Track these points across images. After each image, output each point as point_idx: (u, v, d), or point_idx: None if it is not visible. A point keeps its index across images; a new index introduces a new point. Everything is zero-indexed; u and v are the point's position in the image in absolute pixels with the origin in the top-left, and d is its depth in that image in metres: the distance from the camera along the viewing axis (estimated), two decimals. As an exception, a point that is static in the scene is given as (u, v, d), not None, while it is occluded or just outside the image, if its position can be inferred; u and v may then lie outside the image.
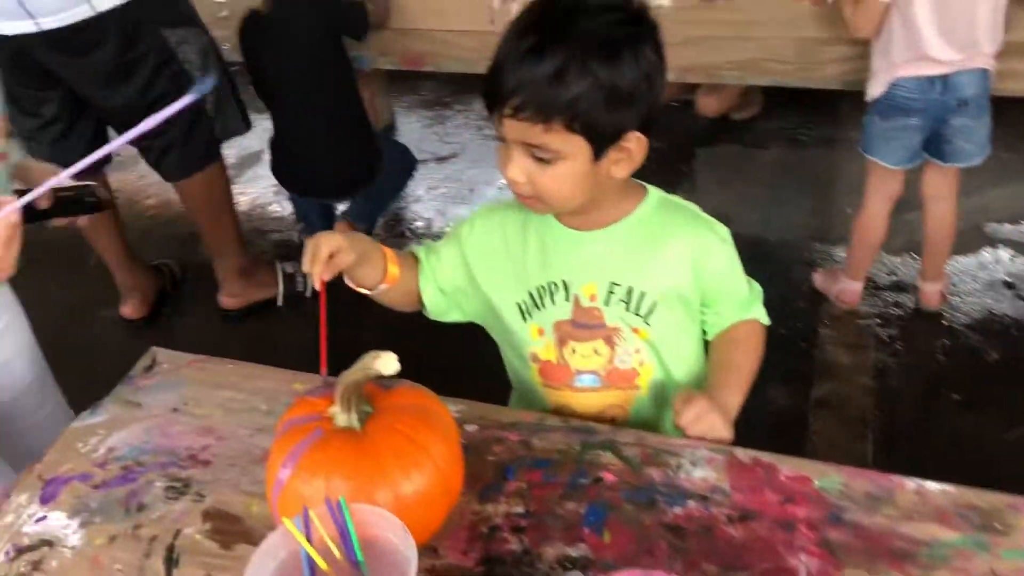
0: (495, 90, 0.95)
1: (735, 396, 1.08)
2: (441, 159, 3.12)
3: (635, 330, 1.09)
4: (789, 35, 2.17)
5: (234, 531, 0.92)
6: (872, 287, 2.35)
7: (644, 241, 1.08)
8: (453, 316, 1.18)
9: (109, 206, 1.10)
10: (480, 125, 3.37)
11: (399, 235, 2.80)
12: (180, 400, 1.10)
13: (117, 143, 0.89)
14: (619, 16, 0.96)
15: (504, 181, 1.01)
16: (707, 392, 1.08)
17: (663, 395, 1.13)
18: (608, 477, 0.94)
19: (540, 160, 0.96)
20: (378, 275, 1.09)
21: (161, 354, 1.19)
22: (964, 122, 1.96)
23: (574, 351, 1.11)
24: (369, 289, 1.09)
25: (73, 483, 1.00)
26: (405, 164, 2.67)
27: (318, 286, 0.97)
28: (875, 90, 1.99)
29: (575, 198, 1.01)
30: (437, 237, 2.81)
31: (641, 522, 0.88)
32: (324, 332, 0.94)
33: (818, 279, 2.36)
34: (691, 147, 3.05)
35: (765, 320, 1.15)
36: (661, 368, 1.12)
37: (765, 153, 3.02)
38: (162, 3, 2.01)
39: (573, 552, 0.86)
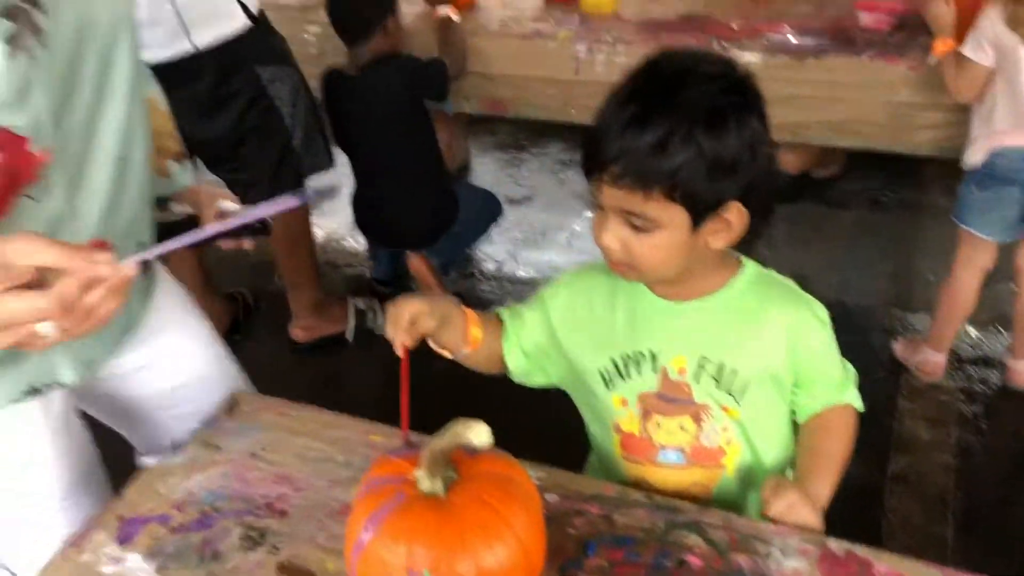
0: (595, 156, 0.94)
1: (826, 487, 1.03)
2: (514, 202, 3.12)
3: (724, 408, 1.06)
4: (881, 98, 2.12)
5: (309, 588, 0.91)
6: (956, 360, 2.27)
7: (739, 316, 1.05)
8: (537, 380, 1.16)
9: (271, 232, 1.17)
10: (554, 170, 3.37)
11: (469, 275, 2.80)
12: (258, 445, 1.10)
13: (255, 214, 0.90)
14: (725, 84, 0.94)
15: (578, 228, 1.00)
16: (797, 480, 1.04)
17: (749, 477, 1.09)
18: (693, 561, 0.91)
19: (637, 228, 0.94)
20: (460, 338, 1.08)
21: (242, 396, 1.19)
22: (1068, 194, 1.90)
23: (659, 425, 1.08)
24: (452, 352, 1.08)
25: (151, 524, 1.00)
26: (489, 210, 2.68)
27: (399, 352, 0.97)
28: (974, 158, 1.93)
29: (670, 268, 0.99)
30: (507, 280, 2.84)
31: (728, 613, 0.85)
32: (406, 396, 0.93)
33: (899, 348, 2.29)
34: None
35: (859, 405, 1.11)
36: (749, 449, 1.08)
37: (846, 213, 2.96)
38: (258, 41, 2.06)
39: (656, 640, 0.83)
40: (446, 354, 1.09)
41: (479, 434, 0.79)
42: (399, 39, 2.32)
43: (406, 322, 0.97)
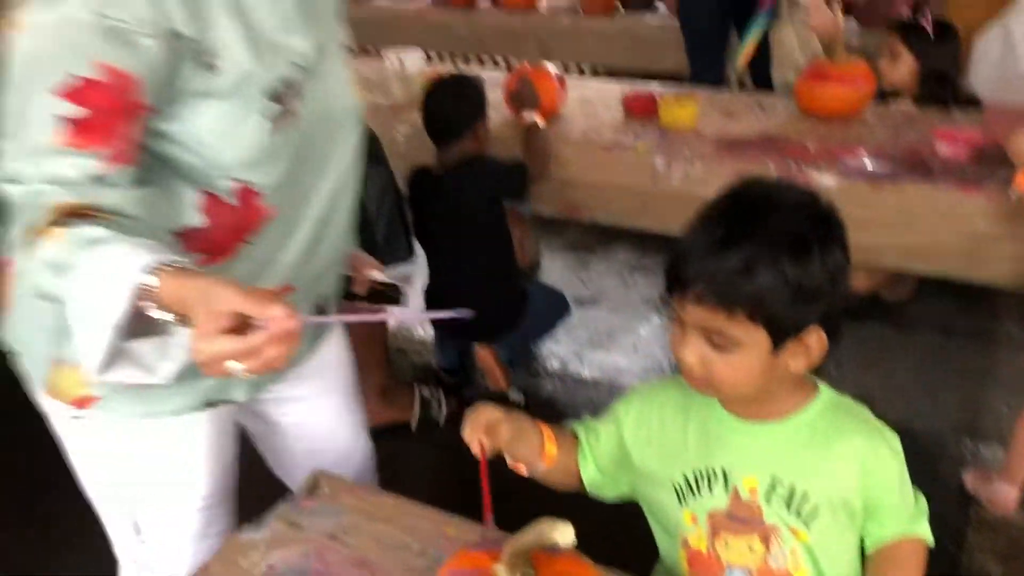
0: (681, 274, 0.99)
1: None
2: (582, 303, 3.17)
3: (794, 531, 1.06)
4: (957, 227, 2.13)
5: (381, 675, 0.93)
6: (1029, 497, 2.21)
7: (813, 441, 1.07)
8: (610, 493, 1.19)
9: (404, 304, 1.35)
10: (621, 274, 3.42)
11: (535, 374, 2.83)
12: (338, 527, 1.14)
13: (423, 316, 1.05)
14: (810, 214, 0.99)
15: (643, 333, 1.04)
16: None
17: (816, 603, 1.09)
18: None
19: (717, 346, 0.98)
20: (536, 453, 1.12)
21: (323, 478, 1.23)
22: None
23: (727, 544, 1.09)
24: (528, 467, 1.12)
25: (232, 597, 1.03)
26: (557, 309, 2.74)
27: (477, 452, 1.01)
28: (1051, 293, 1.93)
29: (748, 387, 1.02)
30: (572, 379, 2.87)
31: None
32: (488, 495, 0.97)
33: (969, 479, 2.24)
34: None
35: (929, 539, 1.11)
36: (816, 574, 1.09)
37: (916, 338, 2.93)
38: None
39: None
40: (522, 470, 1.12)
41: (564, 534, 0.82)
42: (486, 142, 2.43)
43: (483, 428, 1.02)
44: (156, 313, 0.87)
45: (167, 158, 1.03)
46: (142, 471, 1.23)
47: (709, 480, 1.09)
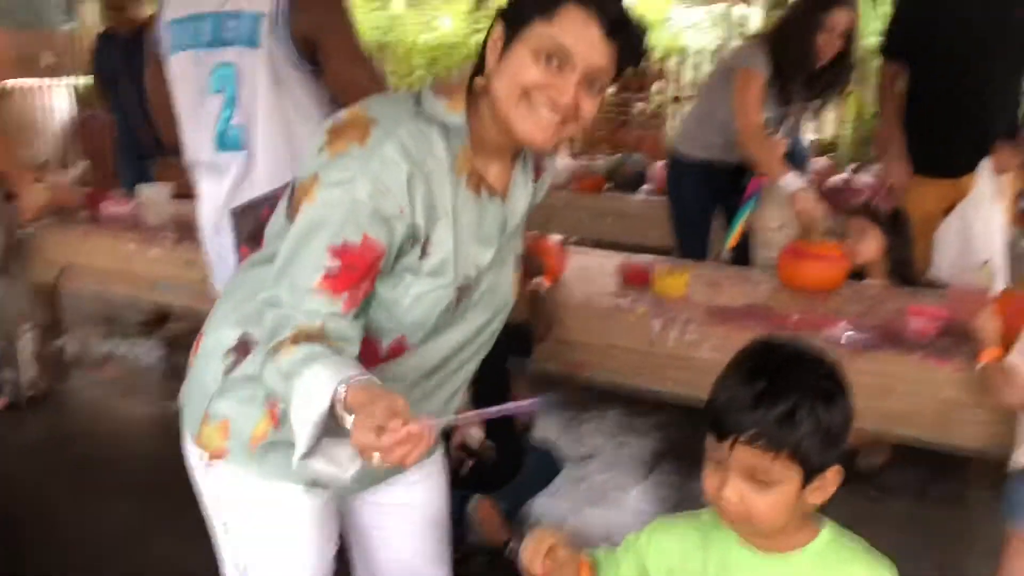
0: (727, 423, 1.15)
1: None
2: (575, 461, 3.29)
3: None
4: (930, 395, 2.33)
5: None
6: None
7: (823, 570, 1.20)
8: None
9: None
10: (613, 433, 3.57)
11: (533, 526, 2.91)
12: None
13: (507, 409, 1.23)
14: (828, 368, 1.17)
15: (635, 492, 1.20)
16: None
17: None
18: None
19: (759, 484, 1.13)
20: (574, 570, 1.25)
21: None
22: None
23: None
24: None
25: None
26: (550, 469, 2.87)
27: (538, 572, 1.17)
28: (1020, 460, 2.10)
29: (779, 520, 1.16)
30: (569, 534, 2.94)
31: None
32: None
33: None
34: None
35: None
36: None
37: (891, 504, 3.07)
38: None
39: None
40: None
41: None
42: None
43: (544, 548, 1.15)
44: (341, 414, 1.12)
45: (371, 310, 1.34)
46: (255, 526, 1.49)
47: None
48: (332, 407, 1.12)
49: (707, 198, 3.73)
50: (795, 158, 3.47)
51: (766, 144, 3.28)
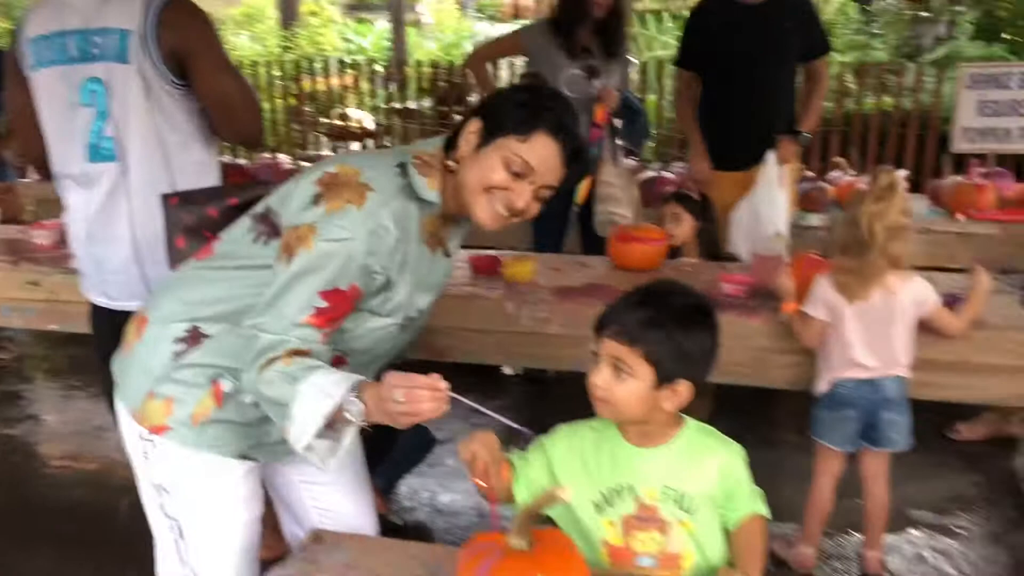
0: (604, 322, 1.47)
1: (757, 571, 1.50)
2: (438, 443, 3.53)
3: (682, 523, 1.51)
4: (744, 345, 2.76)
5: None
6: (823, 557, 2.77)
7: (689, 456, 1.54)
8: None
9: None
10: (466, 416, 3.82)
11: (408, 507, 3.13)
12: (351, 559, 1.45)
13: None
14: (697, 305, 1.51)
15: None
16: (739, 569, 1.48)
17: (700, 574, 1.52)
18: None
19: (619, 372, 1.44)
20: (497, 470, 1.51)
21: (323, 532, 1.54)
22: (891, 416, 2.51)
23: (636, 538, 1.51)
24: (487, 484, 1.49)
25: (282, 609, 1.32)
26: (422, 445, 3.09)
27: (467, 458, 1.45)
28: (821, 388, 2.55)
29: (634, 409, 1.48)
30: (440, 509, 3.18)
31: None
32: (493, 495, 1.37)
33: (776, 547, 2.77)
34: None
35: (767, 514, 1.60)
36: (700, 552, 1.53)
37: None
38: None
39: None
40: (481, 485, 1.49)
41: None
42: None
43: (480, 443, 1.40)
44: (348, 410, 1.39)
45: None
46: (191, 490, 1.66)
47: (620, 493, 1.52)
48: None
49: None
50: (632, 114, 3.83)
51: (482, 70, 4.30)
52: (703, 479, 1.53)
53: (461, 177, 1.59)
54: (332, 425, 1.43)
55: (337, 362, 1.61)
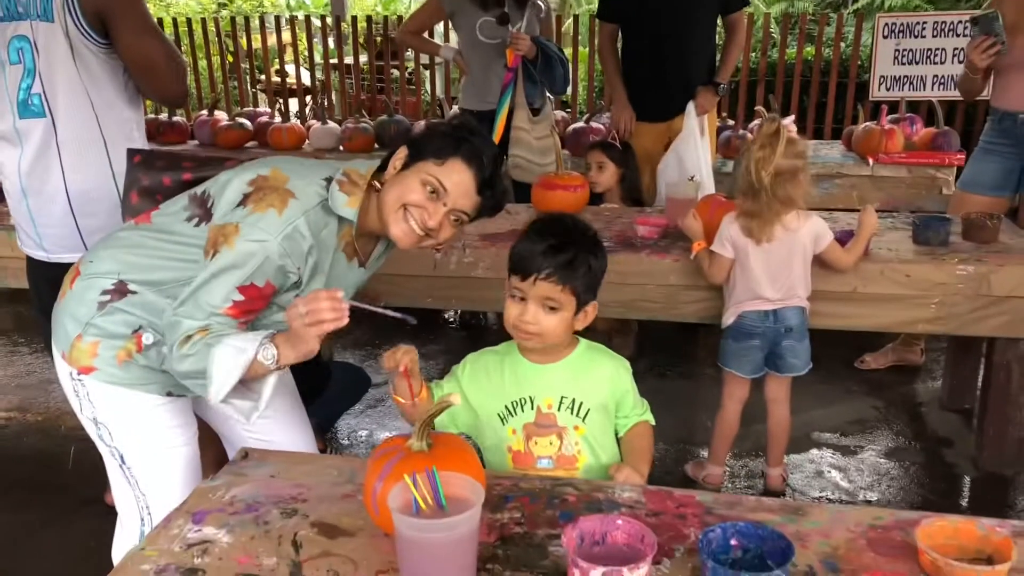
0: (530, 265, 1.62)
1: (645, 468, 1.70)
2: (376, 385, 3.70)
3: (576, 428, 1.70)
4: (657, 283, 2.95)
5: (335, 531, 1.42)
6: (731, 475, 3.01)
7: (582, 370, 1.72)
8: (451, 429, 1.75)
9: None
10: (406, 362, 4.00)
11: (346, 445, 3.30)
12: (275, 471, 1.61)
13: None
14: (591, 232, 1.69)
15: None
16: (628, 464, 1.68)
17: (592, 473, 1.72)
18: (571, 498, 1.51)
19: (550, 309, 1.61)
20: (418, 389, 1.67)
21: (250, 450, 1.70)
22: (791, 344, 2.72)
23: (536, 443, 1.70)
24: (408, 400, 1.66)
25: (213, 513, 1.48)
26: (358, 384, 3.25)
27: (391, 367, 1.59)
28: (727, 320, 2.75)
29: (561, 336, 1.66)
30: (375, 446, 3.33)
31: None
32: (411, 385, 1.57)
33: (689, 468, 3.00)
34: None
35: (653, 422, 1.80)
36: (592, 455, 1.72)
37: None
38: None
39: (555, 531, 1.41)
40: (400, 403, 1.67)
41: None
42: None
43: (402, 352, 1.57)
44: (263, 356, 1.56)
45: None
46: (124, 422, 1.81)
47: (521, 404, 1.70)
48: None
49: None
50: (548, 60, 3.97)
51: (416, 40, 4.72)
52: (594, 389, 1.72)
53: (382, 196, 1.74)
54: (250, 385, 1.61)
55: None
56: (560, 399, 1.70)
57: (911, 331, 3.50)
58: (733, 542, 1.30)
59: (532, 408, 1.70)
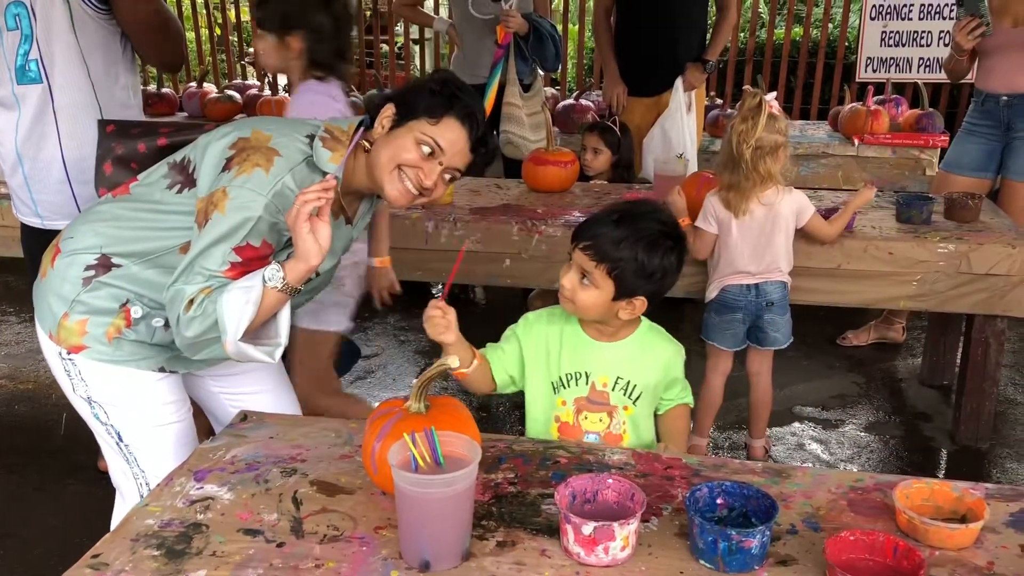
0: (581, 233, 1.65)
1: (683, 448, 1.82)
2: (366, 357, 3.75)
3: (626, 408, 1.74)
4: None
5: (334, 489, 1.47)
6: (714, 447, 3.07)
7: (639, 352, 1.74)
8: (511, 389, 1.79)
9: None
10: (395, 333, 4.04)
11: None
12: (274, 432, 1.65)
13: None
14: (666, 230, 1.66)
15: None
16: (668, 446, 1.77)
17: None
18: (563, 460, 1.56)
19: (584, 281, 1.63)
20: (469, 356, 1.68)
21: (248, 412, 1.74)
22: (772, 317, 2.78)
23: (586, 418, 1.74)
24: (465, 367, 1.67)
25: (215, 472, 1.52)
26: (351, 352, 3.28)
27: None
28: (710, 294, 2.81)
29: (592, 313, 1.67)
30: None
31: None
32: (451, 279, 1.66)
33: (674, 440, 3.06)
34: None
35: (692, 403, 1.87)
36: (635, 434, 1.76)
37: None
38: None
39: (547, 491, 1.45)
40: (461, 370, 1.66)
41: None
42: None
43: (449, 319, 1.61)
44: (269, 278, 1.54)
45: None
46: (118, 400, 1.78)
47: (576, 378, 1.72)
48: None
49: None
50: (539, 36, 3.99)
51: (412, 13, 4.81)
52: (649, 371, 1.75)
53: (374, 156, 1.70)
54: (264, 329, 1.60)
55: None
56: (616, 379, 1.72)
57: (893, 307, 3.56)
58: (719, 501, 1.35)
59: (587, 383, 1.73)
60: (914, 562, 1.22)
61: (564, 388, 1.74)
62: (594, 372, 1.73)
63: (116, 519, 1.94)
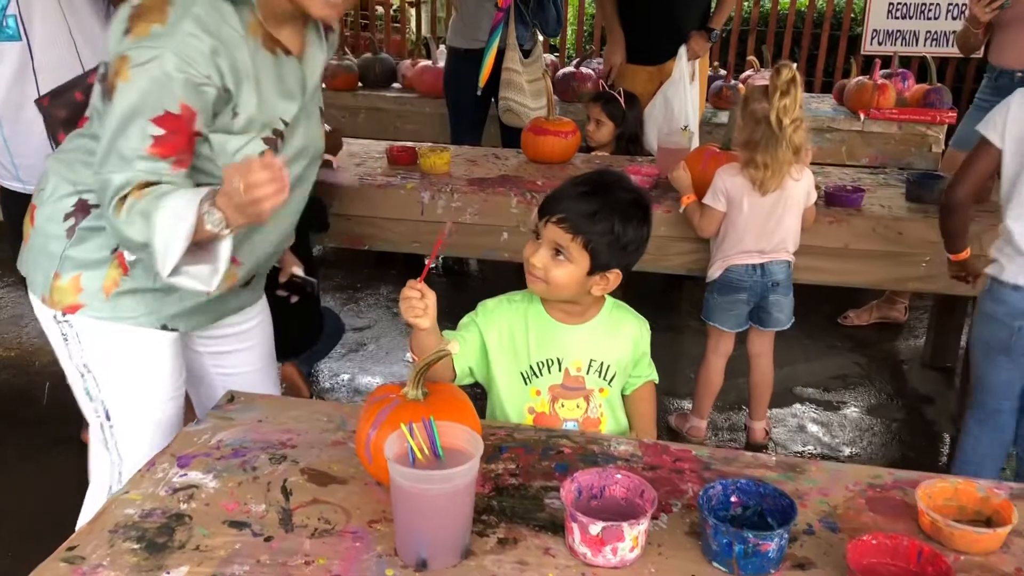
0: (550, 207, 1.55)
1: (653, 431, 1.75)
2: (357, 329, 3.66)
3: (601, 390, 1.66)
4: (647, 233, 2.91)
5: (326, 478, 1.39)
6: (714, 428, 3.01)
7: (609, 331, 1.67)
8: (467, 380, 1.67)
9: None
10: (388, 305, 3.96)
11: (329, 388, 3.27)
12: (263, 415, 1.57)
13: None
14: (637, 200, 1.58)
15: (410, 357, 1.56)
16: (638, 432, 1.70)
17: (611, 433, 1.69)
18: (567, 450, 1.48)
19: (558, 256, 1.54)
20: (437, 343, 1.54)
21: (236, 393, 1.65)
22: (777, 298, 2.71)
23: (563, 405, 1.66)
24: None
25: (199, 458, 1.44)
26: (336, 328, 3.20)
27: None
28: (713, 273, 2.73)
29: (565, 291, 1.58)
30: (358, 390, 3.32)
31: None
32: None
33: (673, 420, 3.00)
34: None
35: (657, 379, 1.78)
36: (612, 416, 1.69)
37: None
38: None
39: (551, 483, 1.38)
40: (414, 358, 1.56)
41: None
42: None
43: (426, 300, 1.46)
44: (209, 222, 1.37)
45: (198, 163, 1.54)
46: (114, 365, 1.69)
47: (548, 365, 1.63)
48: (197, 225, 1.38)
49: (477, 84, 3.97)
50: (542, 1, 3.89)
51: None
52: (619, 349, 1.67)
53: None
54: (203, 245, 1.43)
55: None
56: (589, 362, 1.64)
57: (901, 288, 3.49)
58: (733, 499, 1.28)
59: (559, 370, 1.64)
60: (940, 568, 1.16)
61: (537, 377, 1.65)
62: (566, 357, 1.65)
63: (86, 511, 1.83)
